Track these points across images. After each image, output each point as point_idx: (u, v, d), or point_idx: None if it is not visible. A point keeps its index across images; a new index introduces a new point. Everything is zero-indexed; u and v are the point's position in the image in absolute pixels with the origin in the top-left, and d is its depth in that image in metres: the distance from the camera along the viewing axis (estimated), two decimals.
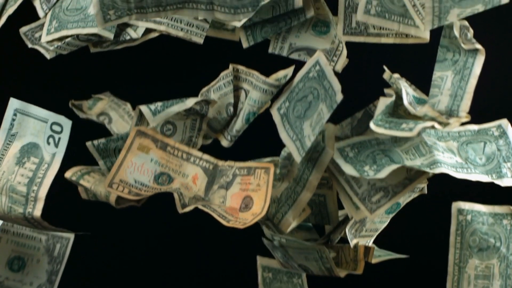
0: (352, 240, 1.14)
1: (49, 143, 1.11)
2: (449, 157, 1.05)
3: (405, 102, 1.06)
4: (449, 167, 1.04)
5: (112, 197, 1.09)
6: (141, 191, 1.09)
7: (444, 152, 1.06)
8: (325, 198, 1.16)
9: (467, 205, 1.12)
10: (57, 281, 1.18)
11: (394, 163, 1.03)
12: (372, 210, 1.06)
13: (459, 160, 1.06)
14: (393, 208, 1.20)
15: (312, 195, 1.07)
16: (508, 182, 1.07)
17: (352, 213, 1.08)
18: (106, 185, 1.08)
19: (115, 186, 1.08)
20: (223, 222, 1.04)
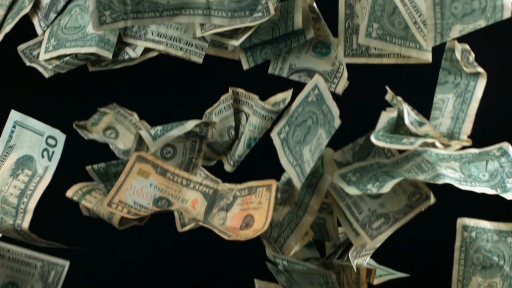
0: (354, 261, 1.14)
1: (43, 156, 1.11)
2: (452, 173, 1.05)
3: (407, 121, 1.05)
4: (453, 180, 1.03)
5: (115, 219, 1.10)
6: (140, 211, 1.09)
7: (446, 169, 1.05)
8: (325, 221, 1.16)
9: (472, 222, 1.12)
10: None
11: (396, 178, 1.03)
12: (372, 236, 1.06)
13: (462, 175, 1.06)
14: None
15: (314, 218, 1.08)
16: None
17: (352, 239, 1.08)
18: (105, 205, 1.08)
19: (114, 205, 1.08)
20: (223, 236, 1.04)
